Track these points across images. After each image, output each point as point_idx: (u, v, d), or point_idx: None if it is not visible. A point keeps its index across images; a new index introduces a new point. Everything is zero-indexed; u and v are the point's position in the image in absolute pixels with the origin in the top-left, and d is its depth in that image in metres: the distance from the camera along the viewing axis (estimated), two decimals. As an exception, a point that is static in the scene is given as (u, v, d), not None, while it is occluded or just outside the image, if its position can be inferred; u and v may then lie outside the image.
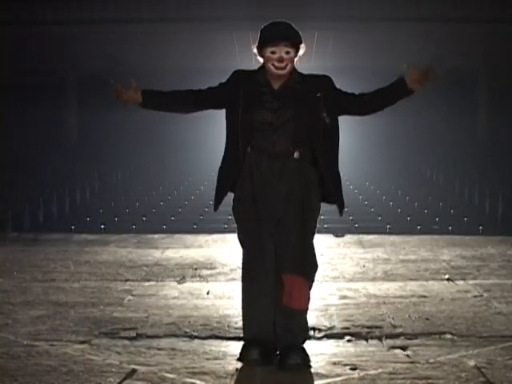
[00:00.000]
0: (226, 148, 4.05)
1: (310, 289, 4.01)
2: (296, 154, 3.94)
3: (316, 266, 4.03)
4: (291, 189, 3.94)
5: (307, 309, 4.04)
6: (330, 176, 4.00)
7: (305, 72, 4.05)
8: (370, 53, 27.53)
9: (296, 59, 3.96)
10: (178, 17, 24.99)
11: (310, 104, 3.93)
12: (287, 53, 3.88)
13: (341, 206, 4.08)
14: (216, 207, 4.15)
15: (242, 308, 4.09)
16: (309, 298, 4.01)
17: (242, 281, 4.07)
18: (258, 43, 3.94)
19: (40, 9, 24.96)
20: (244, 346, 4.04)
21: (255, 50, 3.96)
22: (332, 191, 4.03)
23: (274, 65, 3.89)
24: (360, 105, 4.01)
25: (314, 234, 4.03)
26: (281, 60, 3.88)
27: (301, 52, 3.97)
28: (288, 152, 3.93)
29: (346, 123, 4.06)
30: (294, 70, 3.97)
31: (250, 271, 4.02)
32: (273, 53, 3.88)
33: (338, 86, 4.02)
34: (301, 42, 3.94)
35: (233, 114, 3.99)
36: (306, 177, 3.96)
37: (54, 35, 25.83)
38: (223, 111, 4.08)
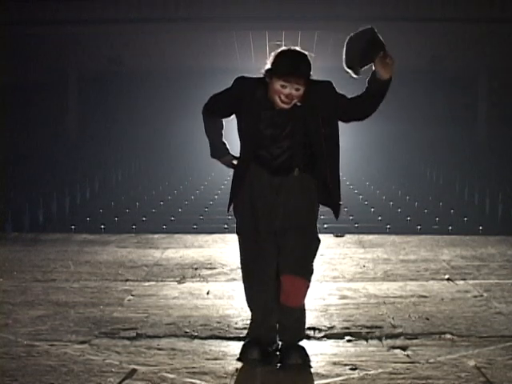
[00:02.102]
0: (239, 155, 4.08)
1: (307, 289, 4.02)
2: (296, 172, 3.93)
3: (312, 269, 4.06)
4: (289, 203, 3.94)
5: (304, 307, 4.05)
6: (331, 183, 3.97)
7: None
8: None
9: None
10: (177, 17, 24.97)
11: (310, 117, 3.88)
12: (297, 90, 3.78)
13: (337, 212, 4.05)
14: (228, 210, 4.12)
15: (248, 306, 4.10)
16: (305, 296, 4.03)
17: (243, 281, 4.08)
18: (270, 71, 3.80)
19: (40, 9, 24.95)
20: (244, 346, 4.05)
21: (264, 72, 3.84)
22: (332, 197, 4.01)
23: (280, 98, 3.80)
24: (357, 105, 3.89)
25: (315, 237, 4.02)
26: (290, 97, 3.79)
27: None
28: (288, 168, 3.92)
29: (346, 124, 4.03)
30: None
31: (249, 272, 4.03)
32: (283, 87, 3.77)
33: (339, 89, 3.96)
34: (308, 79, 3.81)
35: (238, 126, 4.01)
36: (305, 189, 3.96)
37: (53, 35, 25.83)
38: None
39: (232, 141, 4.15)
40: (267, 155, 3.92)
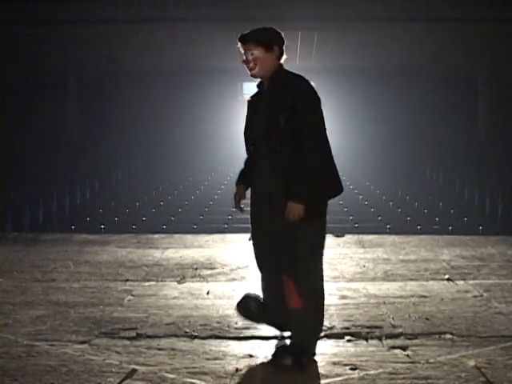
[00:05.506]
0: None
1: (301, 288, 4.00)
2: (272, 158, 3.99)
3: (312, 268, 4.08)
4: (272, 192, 4.02)
5: (304, 308, 4.04)
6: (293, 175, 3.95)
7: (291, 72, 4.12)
8: (370, 53, 27.54)
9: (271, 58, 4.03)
10: (177, 17, 24.97)
11: (270, 107, 4.00)
12: (251, 54, 4.03)
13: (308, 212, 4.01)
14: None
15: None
16: (306, 297, 4.00)
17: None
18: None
19: (40, 9, 24.95)
20: (244, 297, 4.25)
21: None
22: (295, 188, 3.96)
23: (245, 67, 4.08)
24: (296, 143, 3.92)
25: (307, 235, 4.06)
26: (246, 62, 4.06)
27: (284, 57, 4.07)
28: (266, 153, 4.01)
29: (346, 124, 4.04)
30: (277, 71, 4.03)
31: (258, 265, 4.24)
32: (243, 56, 4.07)
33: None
34: (262, 42, 3.99)
35: None
36: (284, 179, 3.96)
37: (53, 35, 25.82)
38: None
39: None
40: (258, 144, 4.06)
